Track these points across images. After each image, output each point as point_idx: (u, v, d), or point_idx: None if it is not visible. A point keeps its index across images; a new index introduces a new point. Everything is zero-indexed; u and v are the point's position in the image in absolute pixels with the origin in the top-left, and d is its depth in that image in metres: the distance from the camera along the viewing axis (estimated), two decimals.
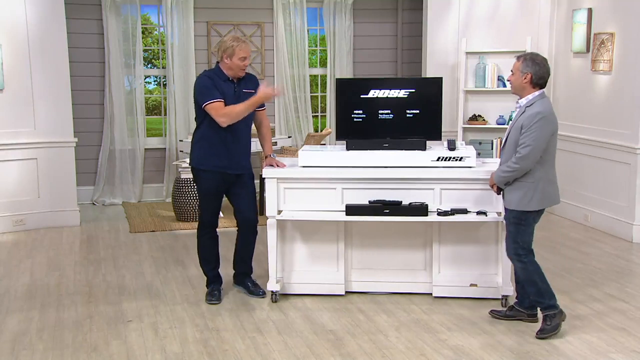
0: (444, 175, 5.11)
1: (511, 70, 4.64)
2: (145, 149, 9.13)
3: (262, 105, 5.31)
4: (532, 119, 4.44)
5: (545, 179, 4.55)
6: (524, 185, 4.54)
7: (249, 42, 5.15)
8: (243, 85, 5.19)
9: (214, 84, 5.08)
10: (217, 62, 5.20)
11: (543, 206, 4.59)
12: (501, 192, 4.74)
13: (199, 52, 9.12)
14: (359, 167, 5.19)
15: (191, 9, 9.00)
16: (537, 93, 4.54)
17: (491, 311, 4.97)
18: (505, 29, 8.38)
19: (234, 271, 5.52)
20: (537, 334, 4.59)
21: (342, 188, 5.17)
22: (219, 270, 5.44)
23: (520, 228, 4.59)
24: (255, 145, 6.30)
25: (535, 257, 4.65)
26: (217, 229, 5.41)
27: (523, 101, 4.56)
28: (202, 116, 5.15)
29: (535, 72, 4.50)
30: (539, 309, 4.69)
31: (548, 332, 4.56)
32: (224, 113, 5.03)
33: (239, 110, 5.05)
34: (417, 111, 5.40)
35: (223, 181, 5.22)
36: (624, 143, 6.99)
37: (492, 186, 4.77)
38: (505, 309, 4.96)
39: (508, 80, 4.74)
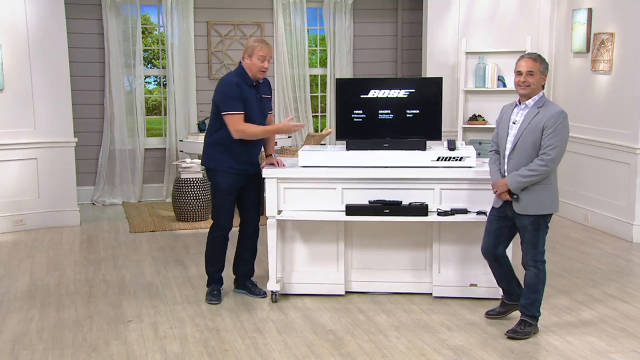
0: (444, 175, 5.11)
1: (530, 72, 4.41)
2: (145, 149, 9.13)
3: (270, 109, 5.36)
4: (557, 119, 4.34)
5: (556, 180, 4.51)
6: (542, 188, 4.43)
7: (272, 46, 5.17)
8: (262, 91, 5.24)
9: (240, 92, 5.07)
10: (240, 63, 5.19)
11: (558, 208, 4.55)
12: (513, 199, 4.51)
13: (199, 52, 9.12)
14: (359, 167, 5.19)
15: (191, 9, 9.00)
16: (541, 94, 4.49)
17: (487, 313, 4.93)
18: (505, 29, 8.38)
19: (234, 275, 5.51)
20: (508, 332, 4.58)
21: (342, 188, 5.17)
22: (222, 272, 5.44)
23: (539, 234, 4.50)
24: None
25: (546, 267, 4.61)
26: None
27: (530, 102, 4.47)
28: (221, 120, 5.13)
29: (547, 73, 4.50)
30: (520, 312, 4.64)
31: (519, 335, 4.55)
32: (240, 129, 5.07)
33: (255, 132, 5.12)
34: (417, 111, 5.40)
35: (240, 179, 5.24)
36: (624, 143, 6.98)
37: (500, 194, 4.55)
38: (497, 307, 4.93)
39: (523, 82, 4.43)
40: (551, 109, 4.40)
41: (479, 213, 5.05)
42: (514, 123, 4.53)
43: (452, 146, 5.23)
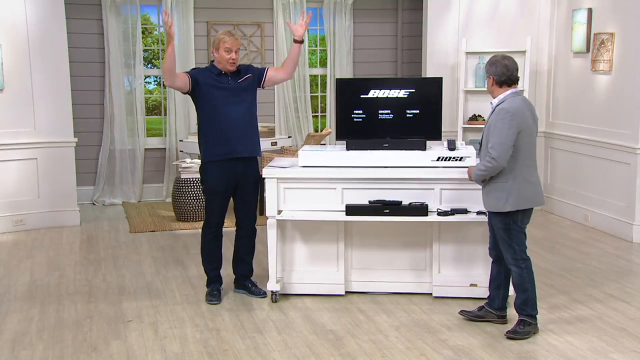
0: (444, 175, 5.11)
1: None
2: (145, 149, 9.13)
3: (264, 69, 5.36)
4: (497, 117, 4.46)
5: (520, 179, 4.49)
6: (498, 186, 4.51)
7: (239, 37, 5.18)
8: (238, 78, 5.20)
9: (197, 72, 5.15)
10: (212, 62, 5.26)
11: (519, 207, 4.49)
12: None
13: (199, 52, 9.12)
14: (359, 167, 5.19)
15: (191, 9, 9.00)
16: (508, 92, 4.52)
17: (461, 311, 4.90)
18: (505, 29, 8.38)
19: (234, 275, 5.51)
20: (508, 332, 4.58)
21: (342, 188, 5.17)
22: (220, 270, 5.44)
23: (510, 233, 4.52)
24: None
25: (531, 264, 4.61)
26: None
27: (495, 101, 4.57)
28: (199, 112, 5.23)
29: (494, 72, 4.53)
30: (517, 313, 4.63)
31: (519, 335, 4.55)
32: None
33: (164, 62, 5.09)
34: (417, 111, 5.40)
35: (229, 174, 5.19)
36: (624, 143, 6.98)
37: (472, 180, 4.76)
38: (475, 309, 4.90)
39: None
40: (499, 107, 4.49)
41: (479, 213, 5.05)
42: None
43: (452, 146, 5.24)
